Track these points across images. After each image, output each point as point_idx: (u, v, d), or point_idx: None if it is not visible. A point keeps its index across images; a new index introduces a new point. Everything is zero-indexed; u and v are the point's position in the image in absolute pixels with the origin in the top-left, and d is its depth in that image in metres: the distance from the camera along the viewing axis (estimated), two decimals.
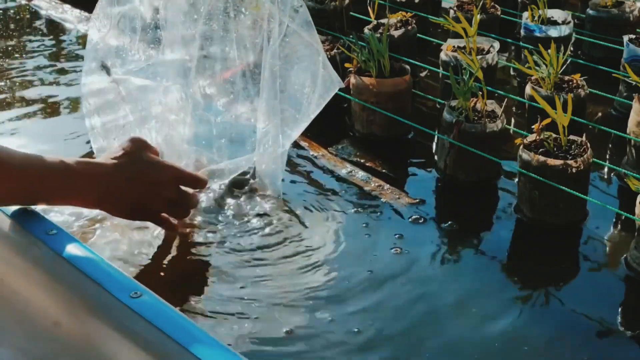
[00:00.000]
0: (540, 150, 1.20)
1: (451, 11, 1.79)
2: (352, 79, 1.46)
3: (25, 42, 2.01)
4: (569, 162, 1.16)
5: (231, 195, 1.27)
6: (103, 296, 0.83)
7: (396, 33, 1.64)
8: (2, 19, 2.21)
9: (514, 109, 1.56)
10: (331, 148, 1.45)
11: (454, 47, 1.52)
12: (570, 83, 1.39)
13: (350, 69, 1.47)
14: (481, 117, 1.30)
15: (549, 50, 1.36)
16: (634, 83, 1.33)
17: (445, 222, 1.24)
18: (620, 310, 1.05)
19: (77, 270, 0.87)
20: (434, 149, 1.43)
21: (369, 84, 1.44)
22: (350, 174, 1.35)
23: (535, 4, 1.67)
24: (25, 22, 2.18)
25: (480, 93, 1.30)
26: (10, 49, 1.96)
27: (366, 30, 1.62)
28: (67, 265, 0.88)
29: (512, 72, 1.74)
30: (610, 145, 1.44)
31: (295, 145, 1.43)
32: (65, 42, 2.04)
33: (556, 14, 1.70)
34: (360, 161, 1.41)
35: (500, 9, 1.80)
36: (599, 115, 1.55)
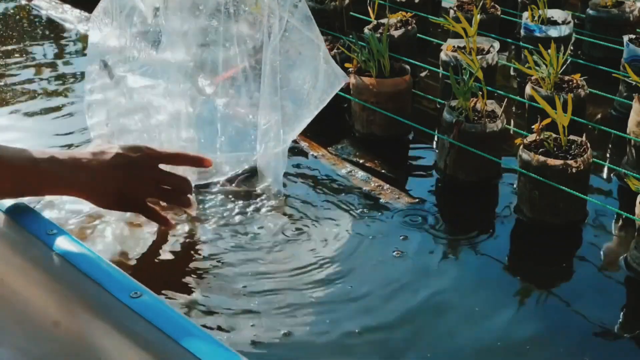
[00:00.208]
0: (540, 150, 1.20)
1: (451, 11, 1.79)
2: (352, 79, 1.46)
3: (25, 42, 2.01)
4: (569, 162, 1.16)
5: (231, 194, 1.27)
6: (103, 296, 0.83)
7: (396, 33, 1.64)
8: (2, 18, 2.21)
9: (514, 109, 1.56)
10: (331, 148, 1.45)
11: (454, 47, 1.52)
12: (570, 83, 1.39)
13: (350, 69, 1.47)
14: (481, 117, 1.30)
15: (549, 50, 1.36)
16: (634, 83, 1.33)
17: (445, 222, 1.24)
18: (620, 311, 1.05)
19: (77, 270, 0.87)
20: (434, 149, 1.43)
21: (369, 84, 1.44)
22: (350, 173, 1.35)
23: (535, 4, 1.67)
24: (25, 22, 2.18)
25: (480, 93, 1.30)
26: (10, 48, 1.96)
27: (366, 30, 1.62)
28: (67, 265, 0.88)
29: (512, 72, 1.74)
30: (610, 145, 1.44)
31: (295, 145, 1.44)
32: (65, 42, 2.04)
33: (556, 14, 1.70)
34: (360, 161, 1.41)
35: (500, 9, 1.80)
36: (599, 115, 1.55)
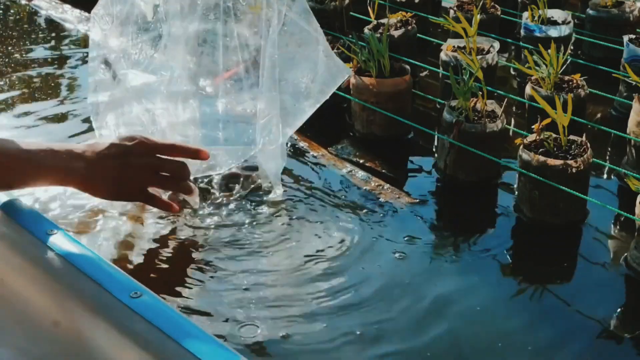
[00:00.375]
0: (540, 150, 1.20)
1: (451, 11, 1.79)
2: (352, 79, 1.46)
3: (25, 42, 2.01)
4: (569, 162, 1.16)
5: (230, 190, 1.27)
6: (103, 296, 0.83)
7: (396, 33, 1.64)
8: (2, 18, 2.21)
9: (514, 109, 1.56)
10: (331, 148, 1.45)
11: (454, 47, 1.53)
12: (570, 83, 1.39)
13: (350, 69, 1.47)
14: (481, 117, 1.30)
15: (549, 50, 1.36)
16: (634, 83, 1.33)
17: (445, 222, 1.24)
18: (620, 310, 1.05)
19: (77, 270, 0.87)
20: (434, 149, 1.44)
21: (369, 84, 1.44)
22: (350, 173, 1.35)
23: (535, 4, 1.67)
24: (25, 22, 2.18)
25: (480, 93, 1.30)
26: (10, 48, 1.96)
27: (366, 30, 1.62)
28: (67, 265, 0.88)
29: (512, 72, 1.74)
30: (610, 145, 1.44)
31: (295, 145, 1.44)
32: (65, 42, 2.04)
33: (556, 14, 1.70)
34: (360, 161, 1.41)
35: (500, 9, 1.80)
36: (599, 115, 1.55)
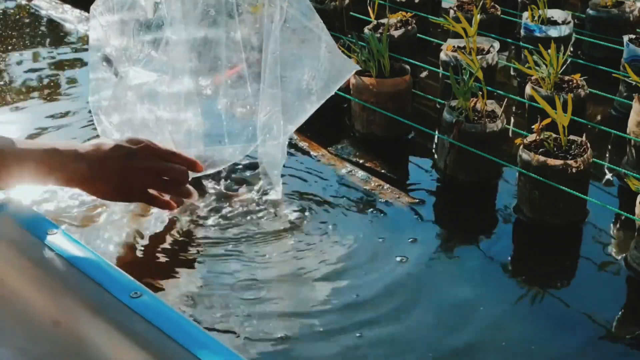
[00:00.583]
0: (540, 150, 1.20)
1: (451, 11, 1.79)
2: (352, 79, 1.46)
3: (25, 42, 2.01)
4: (569, 162, 1.16)
5: (230, 189, 1.27)
6: (103, 296, 0.83)
7: (396, 33, 1.64)
8: (2, 18, 2.21)
9: (514, 109, 1.56)
10: (331, 148, 1.45)
11: (454, 47, 1.53)
12: (570, 83, 1.39)
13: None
14: (481, 117, 1.30)
15: (549, 50, 1.36)
16: (634, 83, 1.33)
17: (445, 222, 1.24)
18: (620, 311, 1.05)
19: (77, 270, 0.87)
20: (434, 149, 1.44)
21: (369, 84, 1.44)
22: (350, 173, 1.35)
23: (535, 4, 1.67)
24: (25, 22, 2.18)
25: (480, 93, 1.30)
26: (10, 48, 1.96)
27: (366, 30, 1.62)
28: (67, 265, 0.88)
29: (512, 72, 1.74)
30: (610, 145, 1.44)
31: (295, 145, 1.44)
32: (65, 42, 2.04)
33: (556, 14, 1.70)
34: (360, 161, 1.41)
35: (500, 9, 1.80)
36: (599, 115, 1.55)
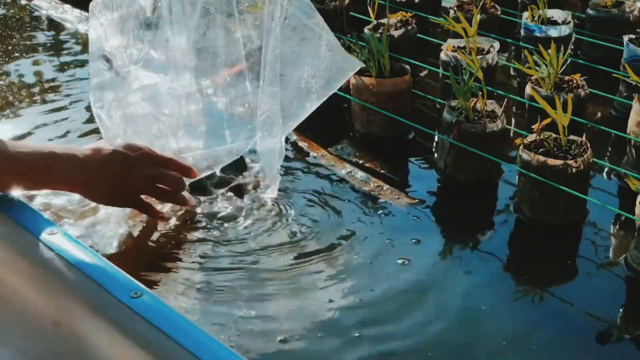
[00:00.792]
0: (540, 150, 1.20)
1: (451, 11, 1.79)
2: (352, 79, 1.46)
3: (26, 42, 2.01)
4: (569, 162, 1.16)
5: (228, 190, 1.27)
6: (103, 296, 0.83)
7: (396, 33, 1.64)
8: (2, 18, 2.21)
9: (514, 109, 1.56)
10: (331, 148, 1.45)
11: (454, 47, 1.53)
12: (570, 83, 1.39)
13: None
14: (481, 117, 1.30)
15: (549, 50, 1.36)
16: (634, 83, 1.33)
17: (445, 222, 1.24)
18: (620, 311, 1.05)
19: (77, 270, 0.87)
20: (434, 149, 1.44)
21: (369, 84, 1.44)
22: (349, 174, 1.35)
23: (535, 4, 1.67)
24: (25, 22, 2.18)
25: (480, 93, 1.30)
26: (10, 48, 1.96)
27: (366, 30, 1.62)
28: (67, 265, 0.88)
29: (512, 72, 1.74)
30: (610, 145, 1.44)
31: (295, 145, 1.44)
32: (65, 42, 2.04)
33: (556, 14, 1.70)
34: (360, 161, 1.41)
35: (500, 9, 1.80)
36: (599, 115, 1.55)
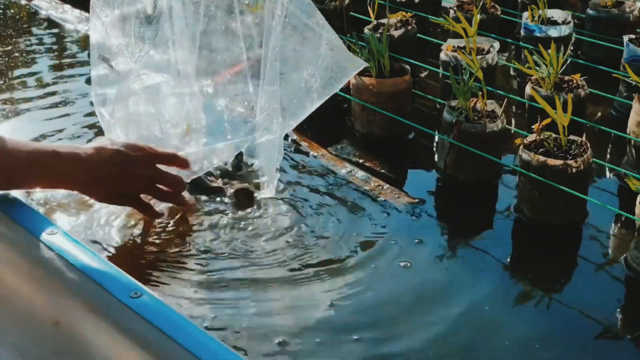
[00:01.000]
0: (540, 150, 1.20)
1: (451, 11, 1.79)
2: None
3: (25, 42, 2.01)
4: (569, 162, 1.16)
5: (227, 188, 1.27)
6: (103, 296, 0.83)
7: (396, 33, 1.64)
8: (2, 18, 2.21)
9: (514, 109, 1.56)
10: (331, 148, 1.45)
11: (454, 47, 1.53)
12: (570, 83, 1.39)
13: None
14: (481, 117, 1.30)
15: (549, 50, 1.36)
16: (634, 83, 1.33)
17: (445, 222, 1.24)
18: (620, 311, 1.05)
19: (77, 270, 0.87)
20: (434, 149, 1.44)
21: (369, 84, 1.44)
22: (350, 173, 1.35)
23: (535, 4, 1.67)
24: (25, 22, 2.18)
25: (480, 93, 1.30)
26: (10, 48, 1.96)
27: (366, 30, 1.62)
28: (67, 265, 0.88)
29: (512, 72, 1.74)
30: (610, 145, 1.44)
31: (295, 144, 1.44)
32: (65, 43, 2.04)
33: (556, 14, 1.70)
34: (360, 161, 1.41)
35: (500, 9, 1.80)
36: (599, 115, 1.55)
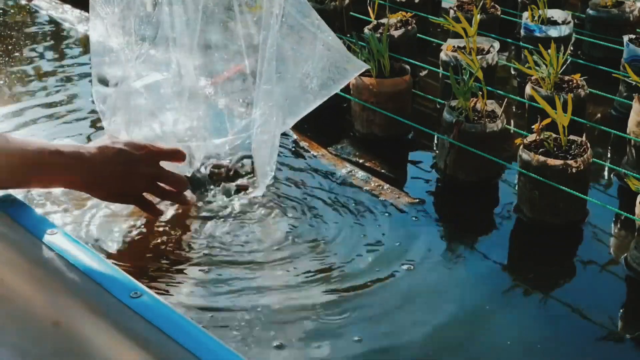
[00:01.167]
0: (540, 150, 1.20)
1: (451, 11, 1.79)
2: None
3: (25, 42, 2.01)
4: (569, 162, 1.16)
5: (225, 187, 1.27)
6: (103, 296, 0.83)
7: (396, 33, 1.64)
8: (2, 18, 2.21)
9: (514, 109, 1.56)
10: (331, 148, 1.45)
11: (454, 47, 1.53)
12: (570, 83, 1.39)
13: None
14: (481, 117, 1.30)
15: (549, 50, 1.36)
16: (634, 83, 1.33)
17: (445, 222, 1.24)
18: (620, 311, 1.05)
19: (77, 270, 0.87)
20: (434, 149, 1.43)
21: (368, 84, 1.44)
22: (350, 173, 1.35)
23: (535, 4, 1.67)
24: (25, 22, 2.18)
25: (480, 93, 1.30)
26: (10, 48, 1.96)
27: (366, 30, 1.62)
28: (67, 265, 0.88)
29: (512, 72, 1.74)
30: (610, 145, 1.44)
31: (295, 144, 1.44)
32: (65, 43, 2.04)
33: (556, 14, 1.70)
34: (360, 161, 1.41)
35: (500, 9, 1.80)
36: (599, 115, 1.55)
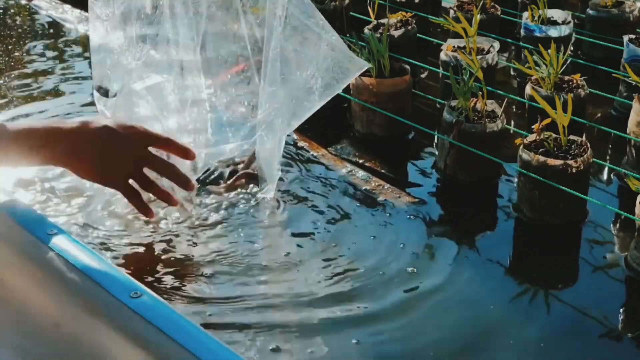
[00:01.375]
0: (540, 150, 1.20)
1: (451, 11, 1.79)
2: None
3: (25, 42, 2.01)
4: (569, 162, 1.16)
5: (227, 189, 1.27)
6: (103, 296, 0.83)
7: (396, 33, 1.64)
8: (2, 18, 2.21)
9: (514, 109, 1.56)
10: (331, 148, 1.45)
11: (454, 47, 1.53)
12: (570, 83, 1.39)
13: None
14: (481, 117, 1.30)
15: (549, 50, 1.36)
16: (634, 83, 1.33)
17: (445, 222, 1.24)
18: (620, 311, 1.05)
19: (77, 270, 0.87)
20: (434, 149, 1.43)
21: (368, 84, 1.44)
22: (350, 173, 1.35)
23: (535, 4, 1.67)
24: (25, 22, 2.17)
25: (480, 93, 1.30)
26: (10, 48, 1.96)
27: (366, 30, 1.62)
28: (67, 265, 0.88)
29: (512, 72, 1.74)
30: (610, 145, 1.44)
31: (295, 145, 1.44)
32: (65, 43, 2.03)
33: (556, 14, 1.70)
34: (360, 161, 1.41)
35: (500, 9, 1.80)
36: (599, 115, 1.55)
